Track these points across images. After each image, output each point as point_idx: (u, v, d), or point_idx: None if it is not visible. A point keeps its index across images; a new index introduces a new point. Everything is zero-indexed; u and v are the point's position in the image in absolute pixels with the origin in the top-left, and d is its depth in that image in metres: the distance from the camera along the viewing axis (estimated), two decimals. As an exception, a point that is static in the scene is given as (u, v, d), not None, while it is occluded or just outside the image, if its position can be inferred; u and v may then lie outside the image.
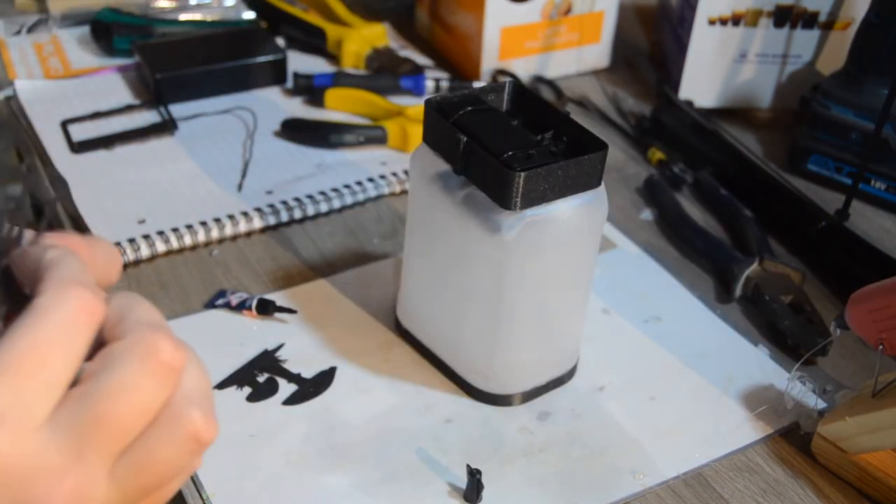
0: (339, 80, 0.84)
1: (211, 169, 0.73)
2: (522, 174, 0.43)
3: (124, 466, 0.27)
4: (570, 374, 0.56)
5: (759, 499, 0.50)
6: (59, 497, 0.26)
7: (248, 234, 0.67)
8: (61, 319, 0.26)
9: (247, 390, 0.54)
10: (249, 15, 0.95)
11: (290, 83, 0.86)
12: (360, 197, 0.71)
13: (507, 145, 0.45)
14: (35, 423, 0.25)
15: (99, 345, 0.28)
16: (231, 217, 0.67)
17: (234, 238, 0.67)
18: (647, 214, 0.73)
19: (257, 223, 0.67)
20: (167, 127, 0.77)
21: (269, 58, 0.85)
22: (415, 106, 0.80)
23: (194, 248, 0.66)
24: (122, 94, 0.83)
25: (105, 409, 0.26)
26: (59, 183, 0.70)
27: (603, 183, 0.47)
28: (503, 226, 0.45)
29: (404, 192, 0.73)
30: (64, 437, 0.26)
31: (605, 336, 0.60)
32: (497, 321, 0.49)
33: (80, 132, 0.76)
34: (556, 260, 0.47)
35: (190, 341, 0.59)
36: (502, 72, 0.89)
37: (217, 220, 0.66)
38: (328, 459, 0.50)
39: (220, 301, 0.60)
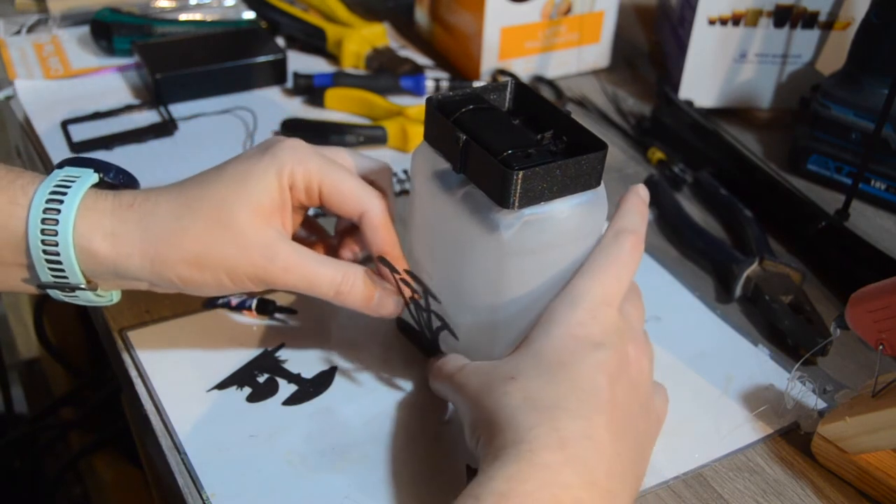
0: (339, 80, 0.84)
1: (211, 169, 0.73)
2: (520, 173, 0.43)
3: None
4: (570, 374, 0.56)
5: (759, 499, 0.50)
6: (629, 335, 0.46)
7: (248, 234, 0.67)
8: (630, 252, 0.46)
9: (247, 390, 0.54)
10: (249, 15, 0.95)
11: (290, 83, 0.86)
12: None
13: (506, 144, 0.45)
14: (617, 303, 0.45)
15: None
16: (231, 217, 0.66)
17: (234, 238, 0.67)
18: (648, 215, 0.73)
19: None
20: (167, 127, 0.77)
21: (269, 58, 0.85)
22: (415, 106, 0.80)
23: (194, 248, 0.65)
24: (122, 94, 0.83)
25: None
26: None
27: (603, 183, 0.47)
28: (501, 224, 0.45)
29: (404, 192, 0.73)
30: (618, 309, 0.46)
31: (605, 336, 0.60)
32: (496, 320, 0.49)
33: (80, 132, 0.76)
34: (554, 259, 0.47)
35: (190, 341, 0.59)
36: (502, 72, 0.89)
37: (217, 220, 0.66)
38: (328, 459, 0.50)
39: (220, 301, 0.60)
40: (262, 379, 0.55)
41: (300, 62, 0.90)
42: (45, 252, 0.47)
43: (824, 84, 0.77)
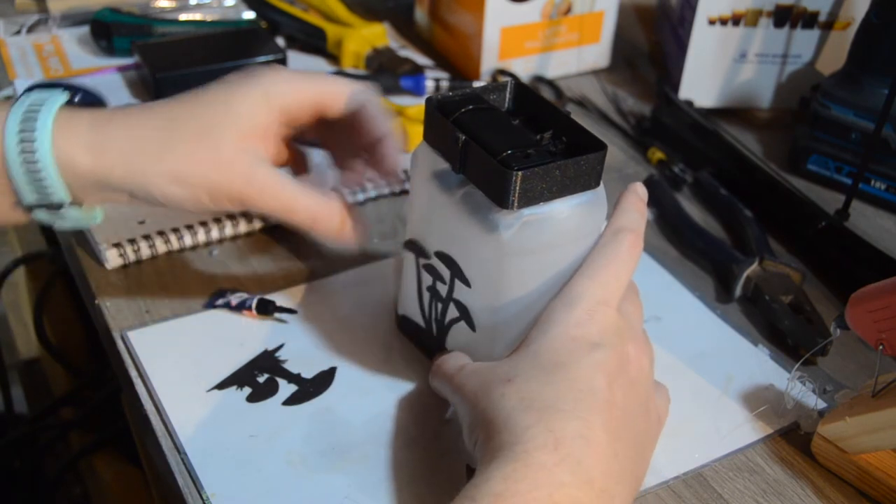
0: (339, 80, 0.84)
1: (211, 169, 0.73)
2: (519, 173, 0.43)
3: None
4: (570, 374, 0.56)
5: (759, 499, 0.50)
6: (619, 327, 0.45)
7: (248, 234, 0.67)
8: (628, 251, 0.46)
9: (247, 390, 0.54)
10: (249, 15, 0.95)
11: (290, 83, 0.86)
12: (360, 197, 0.71)
13: (505, 144, 0.45)
14: (616, 303, 0.45)
15: None
16: (231, 217, 0.67)
17: (234, 238, 0.67)
18: (647, 214, 0.73)
19: (257, 223, 0.67)
20: (167, 127, 0.77)
21: (269, 58, 0.85)
22: (415, 106, 0.80)
23: (194, 248, 0.66)
24: (122, 94, 0.83)
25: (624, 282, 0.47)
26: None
27: (602, 183, 0.47)
28: (500, 225, 0.45)
29: (404, 192, 0.73)
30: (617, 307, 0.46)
31: (605, 336, 0.60)
32: (496, 320, 0.49)
33: (80, 132, 0.76)
34: (554, 260, 0.47)
35: (190, 341, 0.59)
36: (502, 72, 0.89)
37: (217, 220, 0.66)
38: (328, 459, 0.50)
39: (220, 301, 0.60)
40: (262, 379, 0.55)
41: (300, 62, 0.90)
42: (27, 172, 0.48)
43: (824, 84, 0.77)
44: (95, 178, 0.50)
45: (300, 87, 0.52)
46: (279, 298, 0.60)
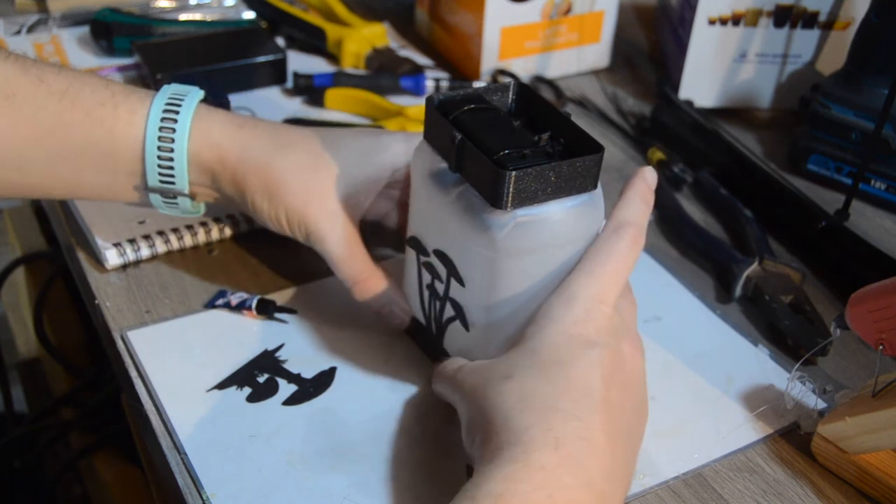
0: (339, 80, 0.84)
1: (211, 169, 0.73)
2: (513, 173, 0.43)
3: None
4: (569, 374, 0.56)
5: (759, 499, 0.50)
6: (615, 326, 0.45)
7: (248, 234, 0.67)
8: (629, 248, 0.46)
9: (247, 390, 0.54)
10: (249, 15, 0.95)
11: (290, 83, 0.86)
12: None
13: (502, 144, 0.45)
14: (613, 301, 0.45)
15: None
16: (231, 217, 0.67)
17: (234, 238, 0.67)
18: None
19: (257, 223, 0.67)
20: (167, 127, 0.77)
21: (269, 58, 0.85)
22: (415, 106, 0.80)
23: (194, 248, 0.66)
24: (122, 94, 0.83)
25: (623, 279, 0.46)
26: (59, 183, 0.70)
27: (600, 185, 0.47)
28: (493, 225, 0.45)
29: (404, 192, 0.73)
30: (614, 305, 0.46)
31: (605, 336, 0.60)
32: (490, 319, 0.49)
33: (80, 132, 0.76)
34: (547, 261, 0.46)
35: (190, 341, 0.59)
36: (502, 72, 0.89)
37: (217, 220, 0.66)
38: (328, 459, 0.50)
39: (220, 301, 0.60)
40: (262, 379, 0.55)
41: (300, 62, 0.90)
42: (160, 157, 0.53)
43: (824, 84, 0.77)
44: (212, 174, 0.55)
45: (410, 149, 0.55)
46: (279, 298, 0.60)
